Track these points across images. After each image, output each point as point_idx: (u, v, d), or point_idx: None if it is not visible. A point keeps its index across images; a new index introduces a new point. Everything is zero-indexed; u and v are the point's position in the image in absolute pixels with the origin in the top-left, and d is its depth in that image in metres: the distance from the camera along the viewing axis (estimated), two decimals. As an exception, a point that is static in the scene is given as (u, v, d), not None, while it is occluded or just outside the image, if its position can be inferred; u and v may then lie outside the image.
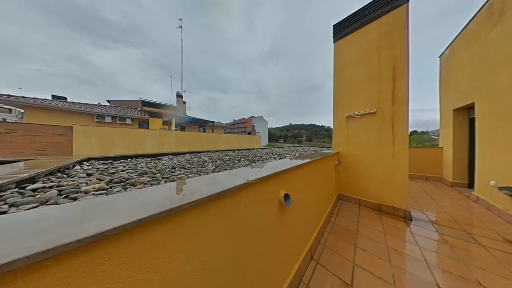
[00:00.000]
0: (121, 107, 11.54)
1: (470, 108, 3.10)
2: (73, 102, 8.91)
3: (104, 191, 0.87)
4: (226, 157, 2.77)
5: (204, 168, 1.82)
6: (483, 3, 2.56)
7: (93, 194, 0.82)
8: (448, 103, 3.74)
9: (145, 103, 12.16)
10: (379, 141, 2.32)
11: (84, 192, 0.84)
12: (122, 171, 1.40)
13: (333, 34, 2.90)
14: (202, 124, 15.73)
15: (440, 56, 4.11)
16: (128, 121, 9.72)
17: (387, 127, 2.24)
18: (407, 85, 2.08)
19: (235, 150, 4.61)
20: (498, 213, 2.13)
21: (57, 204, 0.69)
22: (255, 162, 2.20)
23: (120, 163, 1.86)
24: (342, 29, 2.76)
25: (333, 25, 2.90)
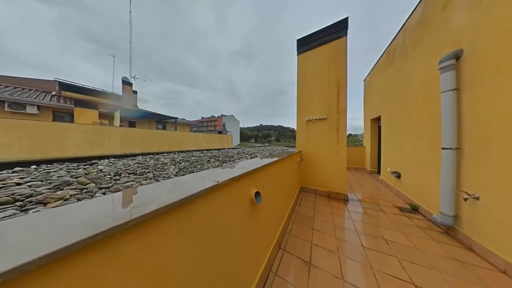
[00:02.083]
0: (18, 88, 7.57)
1: (378, 119, 4.52)
2: None
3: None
4: (193, 158, 2.50)
5: (164, 172, 1.55)
6: (386, 48, 3.80)
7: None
8: (367, 114, 5.27)
9: (66, 86, 8.52)
10: (328, 141, 2.90)
11: None
12: (19, 184, 0.93)
13: (297, 48, 3.31)
14: (161, 120, 13.30)
15: (364, 80, 5.70)
16: (32, 110, 6.58)
17: (334, 130, 2.84)
18: (346, 98, 2.73)
19: (203, 150, 4.25)
20: (391, 189, 3.25)
21: None
22: (226, 163, 2.13)
23: (13, 173, 1.23)
24: (304, 45, 3.21)
25: (297, 40, 3.31)
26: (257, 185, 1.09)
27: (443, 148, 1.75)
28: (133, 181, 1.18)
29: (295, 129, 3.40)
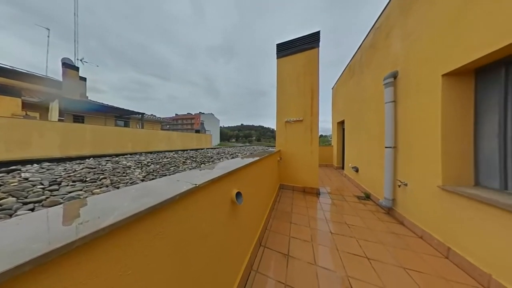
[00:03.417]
0: None
1: (343, 122, 5.29)
2: None
3: None
4: (165, 159, 2.23)
5: (127, 178, 1.33)
6: (348, 62, 4.49)
7: None
8: (335, 118, 6.08)
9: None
10: (304, 141, 3.18)
11: None
12: None
13: (276, 52, 3.47)
14: (122, 116, 11.21)
15: (332, 88, 6.54)
16: None
17: (308, 131, 3.14)
18: (318, 103, 3.07)
19: (178, 151, 3.85)
20: (352, 182, 3.88)
21: None
22: (204, 164, 2.01)
23: None
24: (283, 50, 3.40)
25: (277, 44, 3.47)
26: (238, 185, 1.08)
27: (386, 147, 2.22)
28: (81, 190, 0.96)
29: (275, 129, 3.56)
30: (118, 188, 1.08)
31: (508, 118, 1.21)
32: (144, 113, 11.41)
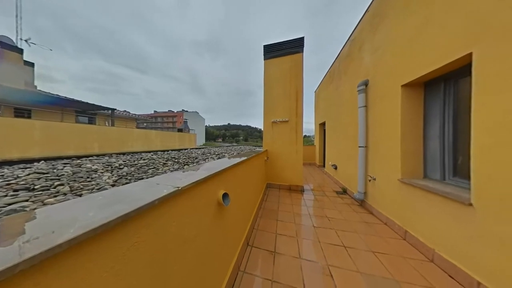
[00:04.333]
0: None
1: (324, 124, 5.73)
2: None
3: None
4: (142, 161, 2.02)
5: (93, 183, 1.16)
6: (329, 69, 4.88)
7: None
8: (317, 120, 6.54)
9: None
10: (289, 141, 3.32)
11: None
12: None
13: (264, 53, 3.53)
14: (85, 111, 9.65)
15: (314, 92, 7.02)
16: None
17: (293, 132, 3.29)
18: (302, 104, 3.25)
19: (157, 151, 3.53)
20: (331, 178, 4.24)
21: None
22: (188, 165, 1.89)
23: None
24: (270, 52, 3.47)
25: (264, 45, 3.52)
26: (225, 186, 1.06)
27: (359, 147, 2.51)
28: (26, 201, 0.79)
29: (262, 129, 3.61)
30: (80, 195, 0.93)
31: (445, 123, 1.52)
32: (115, 109, 10.06)
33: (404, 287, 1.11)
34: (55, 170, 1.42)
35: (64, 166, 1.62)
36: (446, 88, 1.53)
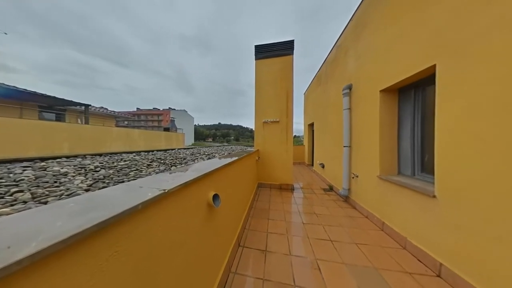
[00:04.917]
0: None
1: (313, 124, 5.99)
2: None
3: None
4: (122, 163, 1.86)
5: (61, 188, 1.04)
6: (317, 72, 5.11)
7: None
8: (306, 120, 6.80)
9: None
10: (280, 141, 3.40)
11: None
12: None
13: (255, 53, 3.53)
14: (52, 106, 8.51)
15: (304, 93, 7.28)
16: None
17: (284, 132, 3.37)
18: (292, 105, 3.35)
19: (141, 152, 3.29)
20: (319, 176, 4.45)
21: None
22: (176, 166, 1.81)
23: None
24: (261, 52, 3.50)
25: (255, 46, 3.53)
26: (216, 187, 1.04)
27: (344, 146, 2.68)
28: None
29: (253, 129, 3.62)
30: (45, 203, 0.83)
31: (415, 126, 1.72)
32: (89, 105, 9.06)
33: (382, 273, 1.22)
34: (11, 175, 1.23)
35: (24, 170, 1.40)
36: (416, 95, 1.73)
